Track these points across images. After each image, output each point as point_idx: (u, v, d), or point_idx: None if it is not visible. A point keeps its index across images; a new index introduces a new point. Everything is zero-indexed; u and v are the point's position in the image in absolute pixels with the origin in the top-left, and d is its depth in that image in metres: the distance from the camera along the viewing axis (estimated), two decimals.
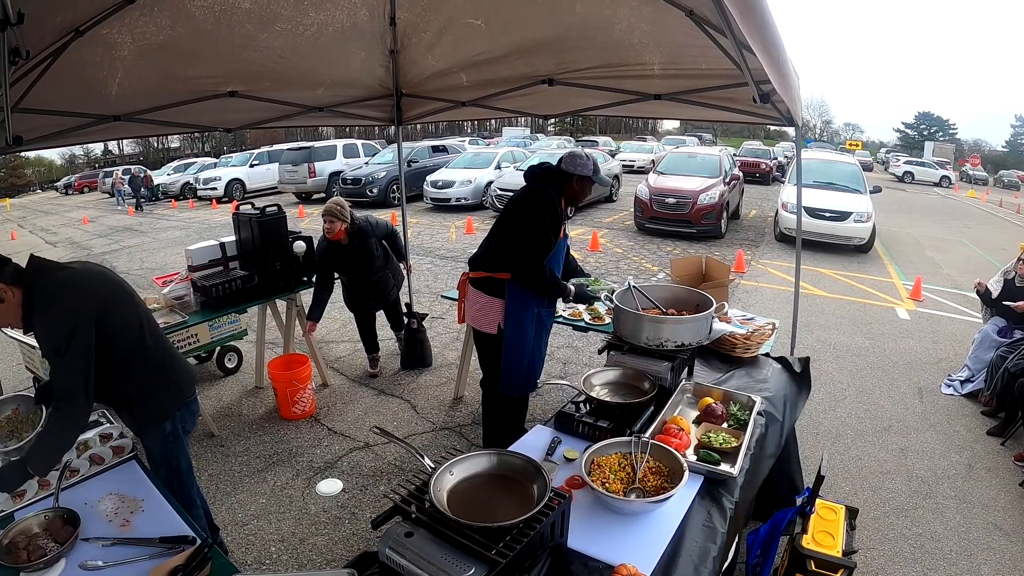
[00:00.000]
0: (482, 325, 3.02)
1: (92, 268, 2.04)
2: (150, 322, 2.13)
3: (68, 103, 2.76)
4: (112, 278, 2.07)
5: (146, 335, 2.06)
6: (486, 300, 2.97)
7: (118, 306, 1.98)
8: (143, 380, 2.08)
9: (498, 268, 2.89)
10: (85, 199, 24.16)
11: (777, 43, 1.79)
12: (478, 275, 3.00)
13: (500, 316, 2.95)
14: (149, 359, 2.08)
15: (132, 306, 2.07)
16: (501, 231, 2.92)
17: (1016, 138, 54.17)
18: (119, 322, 1.96)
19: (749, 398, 2.28)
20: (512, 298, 2.89)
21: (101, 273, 2.04)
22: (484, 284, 2.97)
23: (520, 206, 2.85)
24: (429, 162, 15.90)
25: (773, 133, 40.95)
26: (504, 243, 2.87)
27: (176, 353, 2.29)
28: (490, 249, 2.96)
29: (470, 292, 3.07)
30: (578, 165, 2.86)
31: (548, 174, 2.92)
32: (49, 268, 1.88)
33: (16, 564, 1.55)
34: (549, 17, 2.89)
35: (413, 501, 1.49)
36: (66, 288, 1.85)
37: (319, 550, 2.81)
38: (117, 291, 2.03)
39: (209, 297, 3.76)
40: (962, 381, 4.53)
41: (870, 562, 2.71)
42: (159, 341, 2.15)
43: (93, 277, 1.97)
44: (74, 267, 1.96)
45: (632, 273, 7.94)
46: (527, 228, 2.79)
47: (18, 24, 1.39)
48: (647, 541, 1.60)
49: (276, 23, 2.67)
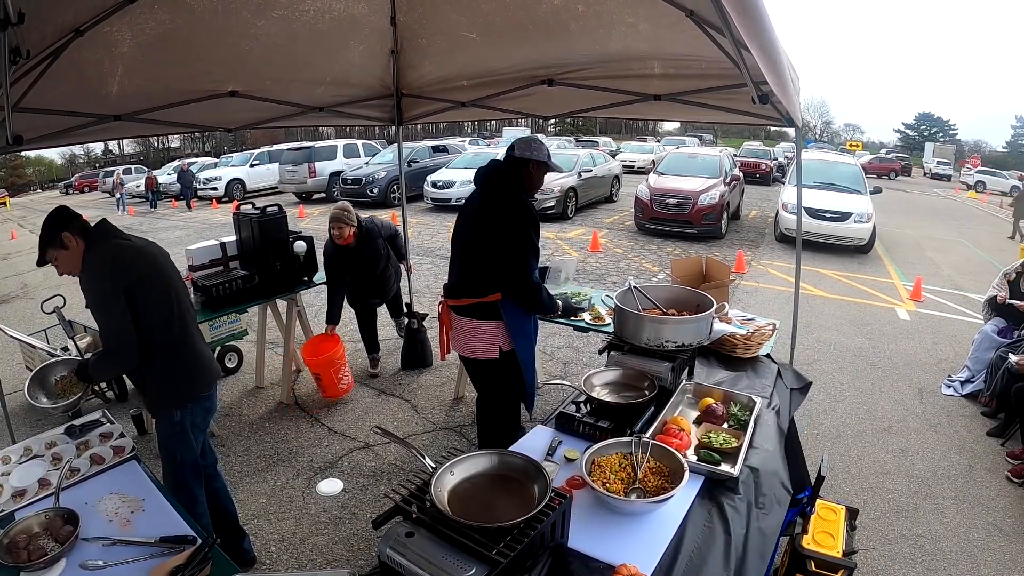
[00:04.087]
0: (480, 352, 2.74)
1: (147, 247, 2.24)
2: (184, 312, 2.25)
3: (68, 103, 2.75)
4: (160, 262, 2.23)
5: (175, 322, 2.19)
6: (479, 325, 2.70)
7: (152, 287, 2.13)
8: (162, 364, 2.17)
9: (487, 291, 2.64)
10: (85, 199, 24.17)
11: (775, 44, 1.79)
12: (464, 303, 2.71)
13: (499, 339, 2.71)
14: (172, 346, 2.19)
15: (170, 292, 2.21)
16: (479, 251, 2.65)
17: (1016, 139, 54.14)
18: (150, 302, 2.11)
19: (749, 398, 2.28)
20: (510, 315, 2.68)
21: (153, 254, 2.23)
22: (473, 310, 2.69)
23: (498, 222, 2.58)
24: (429, 162, 15.90)
25: (773, 134, 40.96)
26: (488, 264, 2.63)
27: (204, 349, 2.38)
28: (470, 273, 2.70)
29: (456, 321, 2.78)
30: (533, 149, 2.66)
31: (505, 172, 2.69)
32: (109, 234, 2.14)
33: (17, 564, 1.55)
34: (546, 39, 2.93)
35: (414, 501, 1.49)
36: (111, 255, 2.08)
37: (319, 550, 2.81)
38: (159, 274, 2.20)
39: (209, 297, 3.75)
40: (962, 382, 4.53)
41: (870, 562, 2.72)
42: (188, 331, 2.26)
43: (137, 253, 2.16)
44: (132, 240, 2.20)
45: (632, 273, 7.94)
46: (516, 245, 2.57)
47: (18, 24, 1.39)
48: (648, 541, 1.60)
49: (273, 9, 2.67)
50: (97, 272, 2.05)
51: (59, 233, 2.05)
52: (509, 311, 2.67)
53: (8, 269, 9.93)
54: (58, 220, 2.08)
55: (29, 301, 7.65)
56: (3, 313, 7.24)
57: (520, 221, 2.57)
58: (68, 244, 2.06)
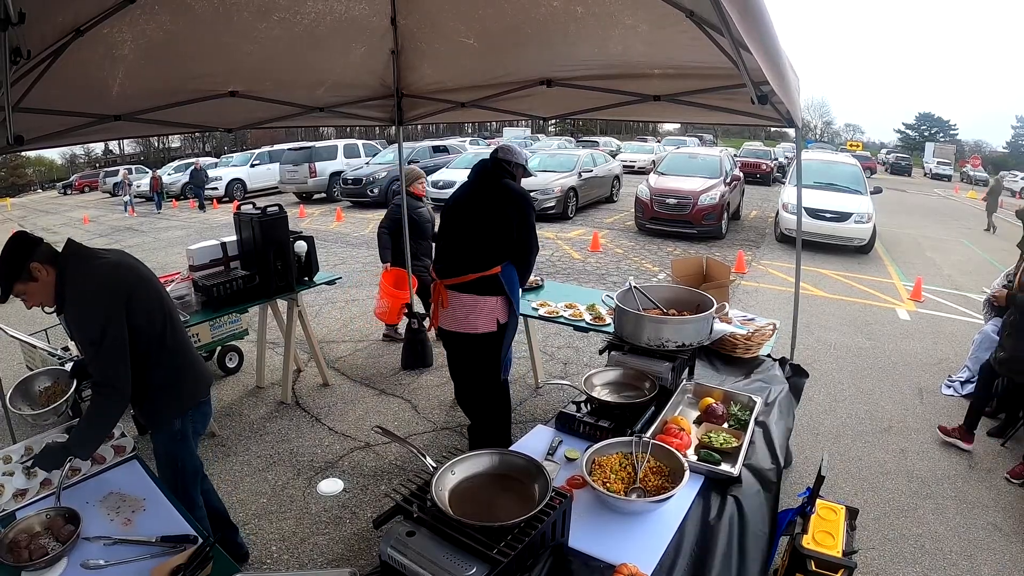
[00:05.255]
0: (479, 327, 2.88)
1: (125, 259, 2.09)
2: (173, 319, 2.16)
3: (69, 103, 2.75)
4: (143, 272, 2.11)
5: (168, 331, 2.09)
6: (479, 300, 2.86)
7: (144, 300, 2.01)
8: (159, 376, 2.09)
9: (489, 265, 2.83)
10: (86, 199, 24.17)
11: (775, 44, 1.79)
12: (467, 278, 2.85)
13: (499, 311, 2.89)
14: (168, 355, 2.10)
15: (158, 301, 2.10)
16: (481, 226, 2.86)
17: (1017, 139, 54.14)
18: (143, 316, 1.99)
19: (750, 398, 2.28)
20: (510, 287, 2.89)
21: (133, 265, 2.08)
22: (476, 285, 2.85)
23: (500, 197, 2.87)
24: (430, 162, 15.91)
25: (774, 134, 40.92)
26: (495, 239, 2.84)
27: (195, 353, 2.32)
28: (473, 250, 2.86)
29: (455, 298, 2.91)
30: (515, 154, 3.01)
31: (499, 168, 2.99)
32: (84, 255, 1.94)
33: (18, 563, 1.55)
34: (546, 40, 2.94)
35: (415, 500, 1.49)
36: (99, 279, 1.90)
37: (320, 550, 2.81)
38: (145, 285, 2.06)
39: (210, 297, 3.76)
40: (962, 382, 4.53)
41: (870, 562, 2.72)
42: (180, 338, 2.18)
43: (124, 268, 2.01)
44: (108, 257, 2.01)
45: (633, 273, 7.94)
46: (528, 222, 2.88)
47: (19, 24, 1.39)
48: (648, 541, 1.60)
49: (274, 12, 2.68)
50: (90, 299, 1.87)
51: (25, 264, 1.82)
52: (510, 282, 2.89)
53: None
54: (20, 249, 1.84)
55: None
56: (3, 313, 7.22)
57: (521, 193, 2.91)
58: (38, 275, 1.84)
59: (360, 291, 7.21)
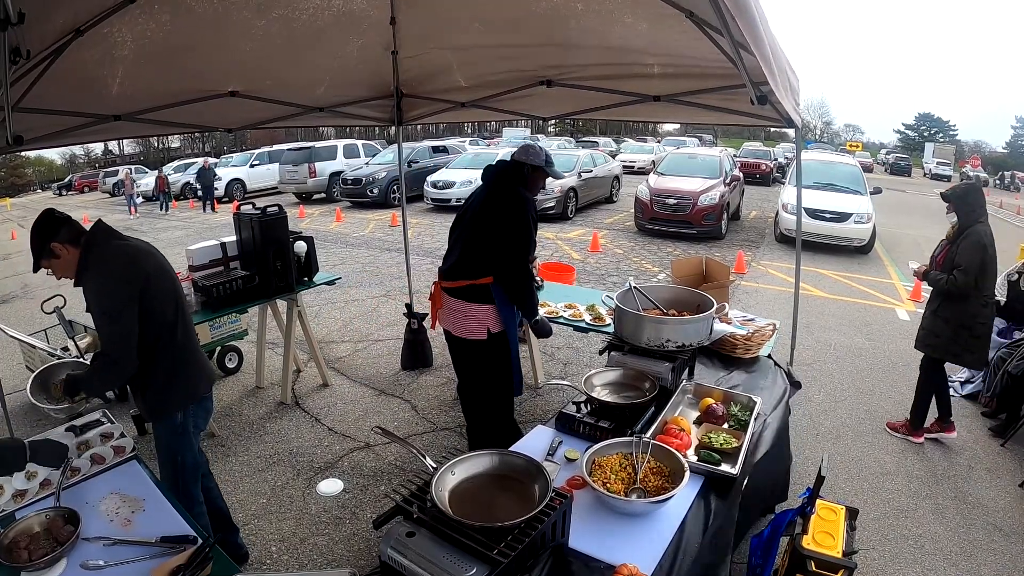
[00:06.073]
0: (469, 332, 2.86)
1: (146, 246, 2.20)
2: (185, 314, 2.23)
3: (68, 103, 2.75)
4: (162, 261, 2.20)
5: (178, 324, 2.17)
6: (469, 307, 2.83)
7: (159, 288, 2.10)
8: (164, 367, 2.14)
9: (480, 274, 2.79)
10: (86, 199, 24.15)
11: (775, 44, 1.80)
12: (459, 284, 2.85)
13: (489, 321, 2.83)
14: (174, 348, 2.16)
15: (173, 293, 2.18)
16: (479, 234, 2.81)
17: (1016, 139, 54.20)
18: (156, 304, 2.07)
19: (750, 399, 2.28)
20: (501, 300, 2.81)
21: (153, 252, 2.19)
22: (466, 292, 2.83)
23: (503, 211, 2.76)
24: (429, 162, 15.90)
25: (774, 134, 40.96)
26: (485, 247, 2.78)
27: (200, 350, 2.37)
28: (467, 255, 2.85)
29: (448, 302, 2.93)
30: (531, 155, 2.86)
31: (511, 171, 2.86)
32: (109, 235, 2.09)
33: (17, 564, 1.54)
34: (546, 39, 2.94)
35: (415, 501, 1.49)
36: (122, 259, 2.04)
37: (320, 550, 2.81)
38: (162, 274, 2.16)
39: (210, 297, 3.75)
40: (962, 382, 4.53)
41: (870, 562, 2.71)
42: (188, 333, 2.24)
43: (144, 254, 2.13)
44: (131, 240, 2.16)
45: (633, 274, 7.94)
46: (517, 234, 2.73)
47: (19, 24, 1.39)
48: (648, 541, 1.60)
49: (273, 9, 2.68)
50: (109, 277, 1.99)
51: (47, 244, 1.99)
52: (501, 295, 2.81)
53: (8, 269, 9.92)
54: (45, 229, 2.00)
55: (29, 301, 7.65)
56: (3, 313, 7.24)
57: (522, 209, 2.75)
58: (59, 254, 2.01)
59: (360, 291, 7.21)
